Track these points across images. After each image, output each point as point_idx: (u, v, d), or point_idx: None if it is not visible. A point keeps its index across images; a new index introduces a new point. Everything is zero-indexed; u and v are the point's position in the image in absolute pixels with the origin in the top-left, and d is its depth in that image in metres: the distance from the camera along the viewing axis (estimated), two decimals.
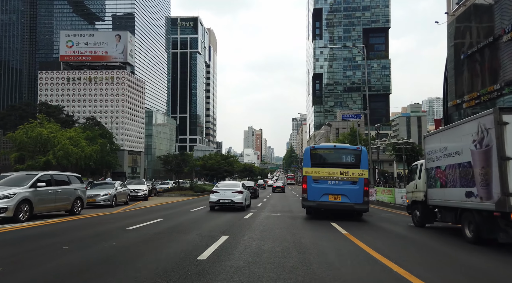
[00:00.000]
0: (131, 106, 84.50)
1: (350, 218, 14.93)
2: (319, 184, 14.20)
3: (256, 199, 29.16)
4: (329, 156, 14.93)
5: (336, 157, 14.69)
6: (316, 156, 14.94)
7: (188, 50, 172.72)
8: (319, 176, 14.23)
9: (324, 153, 15.23)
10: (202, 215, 15.57)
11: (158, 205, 21.08)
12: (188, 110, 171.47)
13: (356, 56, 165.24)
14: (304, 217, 15.60)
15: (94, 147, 49.85)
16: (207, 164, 49.70)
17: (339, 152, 14.85)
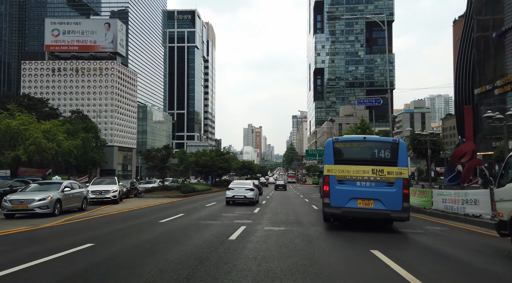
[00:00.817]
0: (122, 100, 79.14)
1: (387, 235, 10.03)
2: (345, 185, 11.39)
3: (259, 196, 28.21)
4: (358, 150, 12.11)
5: (367, 151, 11.95)
6: (341, 150, 12.14)
7: (186, 44, 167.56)
8: (344, 175, 11.43)
9: (351, 146, 12.35)
10: (173, 232, 10.64)
11: (122, 212, 16.16)
12: (185, 107, 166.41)
13: (358, 50, 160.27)
14: (320, 233, 10.64)
15: (74, 141, 44.86)
16: (200, 160, 44.69)
17: (371, 145, 12.03)
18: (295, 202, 25.80)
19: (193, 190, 31.32)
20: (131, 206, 19.40)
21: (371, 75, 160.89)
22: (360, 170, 11.20)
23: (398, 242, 9.47)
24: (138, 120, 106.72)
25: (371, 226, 12.15)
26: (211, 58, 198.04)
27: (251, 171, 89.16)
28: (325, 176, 11.66)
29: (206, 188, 36.48)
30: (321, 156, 70.99)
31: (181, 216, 14.62)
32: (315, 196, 34.56)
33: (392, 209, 10.72)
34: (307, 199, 29.62)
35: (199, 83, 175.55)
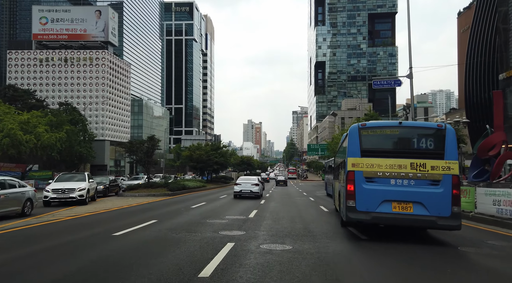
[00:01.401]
0: (114, 92, 75.11)
1: (453, 261, 6.61)
2: (375, 184, 9.14)
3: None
4: (392, 139, 9.74)
5: (404, 140, 9.60)
6: (370, 138, 9.68)
7: (184, 37, 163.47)
8: (375, 171, 9.18)
9: (383, 133, 9.85)
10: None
11: (77, 218, 12.53)
12: (183, 101, 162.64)
13: (361, 43, 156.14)
14: (347, 258, 7.07)
15: (57, 134, 41.22)
16: (193, 154, 41.02)
17: (409, 132, 9.65)
18: (299, 201, 22.22)
19: (183, 187, 27.71)
20: (99, 208, 15.80)
21: (373, 68, 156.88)
22: (395, 164, 8.92)
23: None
24: (134, 115, 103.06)
25: (407, 236, 9.50)
26: (210, 52, 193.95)
27: (250, 167, 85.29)
28: (349, 172, 9.24)
29: (199, 184, 32.87)
30: (323, 150, 67.37)
31: (151, 223, 11.00)
32: (320, 193, 31.00)
33: (438, 214, 8.42)
34: (311, 197, 26.06)
35: (198, 77, 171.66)
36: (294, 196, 28.00)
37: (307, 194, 30.19)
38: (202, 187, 33.45)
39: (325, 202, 21.32)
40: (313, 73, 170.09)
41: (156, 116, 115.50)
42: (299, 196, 28.12)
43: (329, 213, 15.24)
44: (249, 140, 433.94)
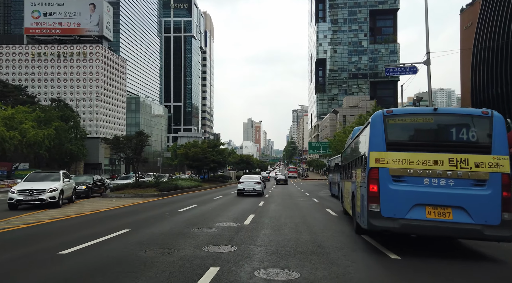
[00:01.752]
0: (109, 88, 72.63)
1: None
2: (405, 184, 7.28)
3: None
4: (425, 129, 7.87)
5: (440, 130, 7.74)
6: (397, 128, 7.86)
7: (182, 34, 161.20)
8: (404, 168, 7.33)
9: (414, 122, 7.92)
10: None
11: (27, 228, 10.25)
12: (182, 99, 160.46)
13: (362, 40, 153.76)
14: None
15: (44, 131, 39.05)
16: (189, 152, 38.80)
17: (446, 121, 7.78)
18: (301, 202, 20.04)
19: (175, 187, 25.49)
20: (71, 212, 13.59)
21: (375, 66, 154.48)
22: (430, 160, 7.29)
23: None
24: (131, 112, 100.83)
25: (446, 250, 7.75)
26: (209, 49, 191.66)
27: (249, 166, 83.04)
28: (371, 170, 7.53)
29: (194, 184, 30.65)
30: (325, 148, 65.14)
31: (120, 234, 8.79)
32: (323, 194, 28.83)
33: (485, 222, 6.85)
34: (315, 198, 23.89)
35: (197, 74, 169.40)
36: (296, 196, 25.82)
37: (309, 194, 28.01)
38: (197, 186, 31.24)
39: (331, 204, 19.13)
40: (313, 71, 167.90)
41: (154, 115, 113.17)
42: (301, 196, 25.94)
43: (338, 218, 13.04)
44: (249, 139, 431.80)
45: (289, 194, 28.56)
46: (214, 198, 22.21)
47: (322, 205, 18.76)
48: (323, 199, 23.38)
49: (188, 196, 24.01)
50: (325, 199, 23.41)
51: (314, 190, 35.31)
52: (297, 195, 27.88)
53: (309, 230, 9.95)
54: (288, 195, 27.80)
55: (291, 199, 23.16)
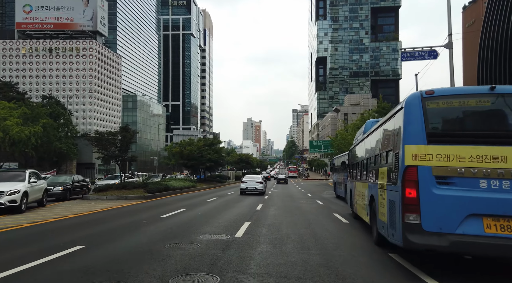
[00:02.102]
0: (103, 85, 70.15)
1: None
2: (454, 188, 5.41)
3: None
4: (479, 114, 5.93)
5: (499, 115, 5.77)
6: (442, 113, 5.91)
7: (181, 32, 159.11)
8: (453, 166, 5.46)
9: (463, 105, 5.88)
10: None
11: None
12: (181, 98, 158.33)
13: (363, 38, 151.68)
14: None
15: (31, 128, 36.81)
16: (184, 151, 36.58)
17: (508, 103, 5.67)
18: (305, 206, 17.85)
19: (165, 188, 23.25)
20: (30, 220, 11.36)
21: (376, 64, 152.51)
22: (488, 156, 5.38)
23: None
24: (127, 111, 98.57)
25: None
26: (208, 48, 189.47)
27: (248, 165, 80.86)
28: (408, 169, 5.59)
29: (187, 185, 28.40)
30: (326, 147, 62.92)
31: (67, 254, 6.56)
32: (327, 195, 26.61)
33: None
34: (319, 200, 21.71)
35: (196, 73, 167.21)
36: (298, 198, 23.59)
37: (312, 196, 25.80)
38: (191, 187, 28.99)
39: (338, 207, 16.92)
40: (314, 70, 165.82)
41: (152, 113, 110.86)
42: (304, 198, 23.70)
43: (351, 226, 10.82)
44: (249, 139, 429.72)
45: (290, 195, 26.36)
46: (207, 200, 20.01)
47: (329, 208, 16.54)
48: (328, 201, 21.17)
49: (178, 198, 21.76)
50: (330, 201, 21.20)
51: (317, 191, 33.09)
52: (298, 196, 25.66)
53: (318, 245, 7.71)
54: (289, 196, 25.59)
55: (292, 200, 20.95)
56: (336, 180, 24.60)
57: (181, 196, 23.62)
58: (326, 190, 34.84)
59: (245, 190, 25.91)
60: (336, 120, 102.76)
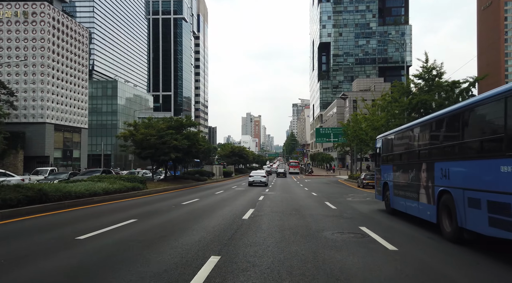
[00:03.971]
0: (62, 61, 57.23)
1: None
2: None
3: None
4: None
5: None
6: None
7: (172, 16, 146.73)
8: None
9: None
10: None
11: None
12: (172, 87, 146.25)
13: (370, 21, 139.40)
14: None
15: None
16: (137, 135, 24.74)
17: None
18: (320, 218, 6.65)
19: (38, 197, 11.44)
20: None
21: (384, 50, 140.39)
22: None
23: None
24: (107, 98, 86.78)
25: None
26: (203, 35, 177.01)
27: (243, 159, 69.17)
28: None
29: (119, 187, 16.49)
30: (337, 136, 51.10)
31: None
32: (354, 200, 15.35)
33: None
34: (334, 205, 11.06)
35: (188, 61, 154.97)
36: (305, 203, 13.42)
37: (325, 199, 14.57)
38: (128, 191, 17.18)
39: (382, 228, 5.18)
40: (316, 57, 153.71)
41: (136, 102, 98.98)
42: (312, 200, 12.76)
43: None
44: (248, 134, 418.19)
45: (294, 199, 15.31)
46: (77, 239, 8.19)
47: (365, 225, 5.13)
48: (357, 212, 9.71)
49: (57, 219, 10.06)
50: (361, 213, 9.82)
51: (328, 191, 21.61)
52: (305, 199, 14.54)
53: None
54: (294, 200, 14.60)
55: (298, 208, 11.99)
56: (387, 178, 12.53)
57: (82, 211, 11.86)
58: (346, 192, 23.24)
59: (253, 182, 30.97)
60: (343, 109, 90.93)
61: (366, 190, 27.09)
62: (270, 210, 12.65)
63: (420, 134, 9.26)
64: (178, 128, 27.95)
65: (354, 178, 43.84)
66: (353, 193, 23.26)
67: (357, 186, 32.93)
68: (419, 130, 9.31)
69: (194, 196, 18.48)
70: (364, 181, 30.61)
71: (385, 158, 12.59)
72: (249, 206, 13.97)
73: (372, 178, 30.71)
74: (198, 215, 10.96)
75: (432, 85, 24.55)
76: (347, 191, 24.94)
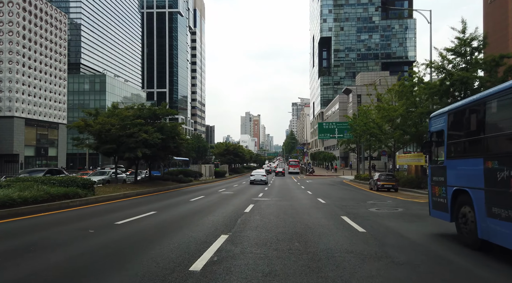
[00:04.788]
0: (34, 47, 51.18)
1: None
2: None
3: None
4: None
5: None
6: None
7: (167, 10, 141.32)
8: None
9: None
10: None
11: None
12: (167, 84, 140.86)
13: (373, 15, 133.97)
14: None
15: None
16: (93, 125, 19.25)
17: None
18: (348, 263, 1.46)
19: None
20: None
21: (387, 45, 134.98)
22: None
23: None
24: (94, 94, 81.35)
25: None
26: (199, 31, 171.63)
27: (238, 158, 63.71)
28: None
29: (38, 195, 11.09)
30: (342, 131, 45.77)
31: None
32: (369, 210, 9.85)
33: None
34: (358, 223, 8.28)
35: (184, 57, 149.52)
36: (317, 225, 7.76)
37: (347, 216, 9.46)
38: (54, 200, 11.80)
39: None
40: (316, 53, 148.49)
41: (127, 98, 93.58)
42: (333, 224, 7.35)
43: None
44: (247, 133, 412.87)
45: (294, 218, 9.79)
46: None
47: None
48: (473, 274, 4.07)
49: None
50: (404, 236, 4.31)
51: (344, 199, 16.21)
52: (319, 223, 8.79)
53: None
54: (294, 224, 9.00)
55: (309, 261, 4.32)
56: (487, 186, 6.18)
57: None
58: (360, 197, 17.91)
59: (254, 181, 33.19)
60: (346, 104, 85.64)
61: (383, 194, 21.84)
62: (254, 240, 7.25)
63: None
64: (151, 117, 22.53)
65: (362, 178, 38.71)
66: (370, 199, 17.89)
67: (369, 188, 27.67)
68: None
69: (153, 207, 13.12)
70: (379, 182, 25.24)
71: (459, 146, 7.25)
72: (220, 228, 8.60)
73: (390, 179, 25.35)
74: (95, 262, 5.57)
75: (470, 61, 19.20)
76: (361, 196, 19.59)
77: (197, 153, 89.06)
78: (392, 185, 24.80)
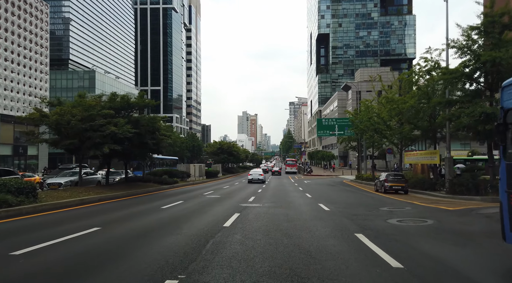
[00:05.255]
0: (10, 37, 47.10)
1: None
2: None
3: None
4: None
5: None
6: None
7: (161, 6, 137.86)
8: None
9: None
10: None
11: None
12: (161, 82, 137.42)
13: (371, 11, 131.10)
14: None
15: None
16: (52, 117, 15.97)
17: None
18: None
19: None
20: None
21: (386, 41, 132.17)
22: None
23: None
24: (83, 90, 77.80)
25: None
26: (195, 28, 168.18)
27: (232, 157, 60.40)
28: None
29: None
30: (342, 128, 42.70)
31: None
32: (389, 222, 6.60)
33: None
34: (385, 250, 5.37)
35: (179, 54, 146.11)
36: (328, 258, 3.47)
37: (363, 233, 6.04)
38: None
39: None
40: (314, 50, 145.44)
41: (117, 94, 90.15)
42: (349, 251, 3.50)
43: None
44: (244, 133, 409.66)
45: (291, 239, 6.19)
46: None
47: None
48: None
49: None
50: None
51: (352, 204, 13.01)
52: (329, 251, 5.36)
53: None
54: (292, 251, 5.34)
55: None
56: None
57: None
58: (369, 202, 14.80)
59: (251, 180, 33.91)
60: (345, 101, 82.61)
61: (394, 197, 18.80)
62: (258, 227, 4.09)
63: None
64: (125, 109, 19.27)
65: (363, 178, 35.68)
66: (383, 204, 14.72)
67: (374, 190, 24.62)
68: None
69: (101, 220, 9.90)
70: (387, 183, 22.13)
71: None
72: (170, 265, 5.42)
73: (399, 180, 22.21)
74: None
75: (500, 40, 16.09)
76: (370, 200, 16.43)
77: (192, 153, 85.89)
78: (401, 186, 21.74)
